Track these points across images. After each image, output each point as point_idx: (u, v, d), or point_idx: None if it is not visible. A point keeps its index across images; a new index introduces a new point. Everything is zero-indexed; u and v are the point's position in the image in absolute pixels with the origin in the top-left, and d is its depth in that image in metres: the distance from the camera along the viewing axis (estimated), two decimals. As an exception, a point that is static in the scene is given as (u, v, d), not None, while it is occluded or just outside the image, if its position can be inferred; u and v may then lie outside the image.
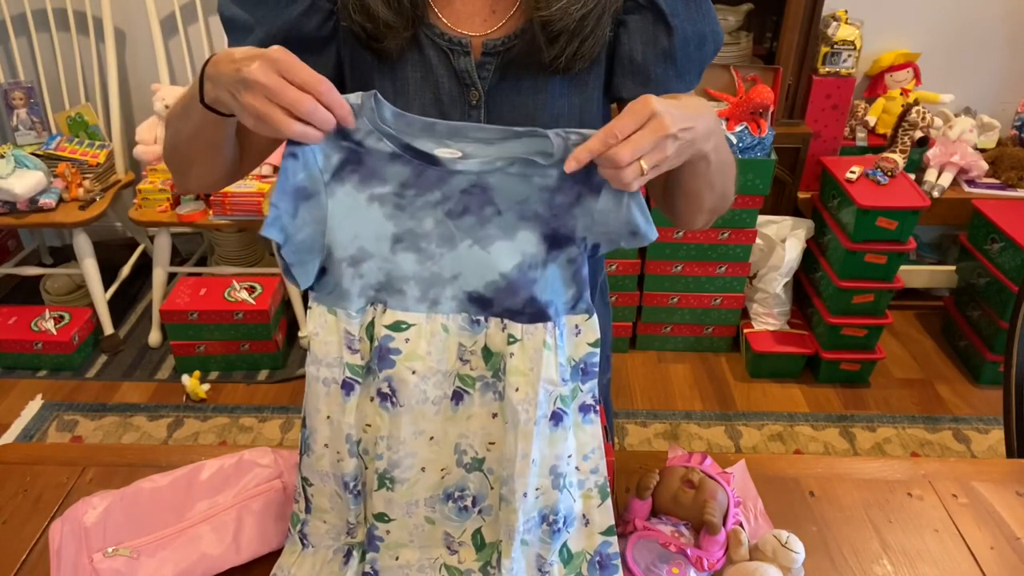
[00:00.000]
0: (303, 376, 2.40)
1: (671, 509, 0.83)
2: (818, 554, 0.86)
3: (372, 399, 0.74)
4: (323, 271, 0.74)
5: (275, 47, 0.65)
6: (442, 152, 0.71)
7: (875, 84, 2.60)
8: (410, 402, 0.73)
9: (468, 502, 0.76)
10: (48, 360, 2.41)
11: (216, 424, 2.22)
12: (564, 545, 0.76)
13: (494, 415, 0.74)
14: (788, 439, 2.18)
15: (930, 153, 2.46)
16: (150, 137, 2.46)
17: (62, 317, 2.45)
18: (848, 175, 2.21)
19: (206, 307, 2.31)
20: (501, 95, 0.81)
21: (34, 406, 2.28)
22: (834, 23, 2.39)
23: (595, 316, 0.75)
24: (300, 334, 2.52)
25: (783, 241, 2.37)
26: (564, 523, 0.75)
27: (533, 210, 0.71)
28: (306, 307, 2.66)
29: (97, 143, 2.51)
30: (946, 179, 2.43)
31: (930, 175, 2.45)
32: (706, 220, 0.85)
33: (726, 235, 2.30)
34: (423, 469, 0.75)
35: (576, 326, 0.75)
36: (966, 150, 2.45)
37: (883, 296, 2.25)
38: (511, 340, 0.72)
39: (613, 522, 0.77)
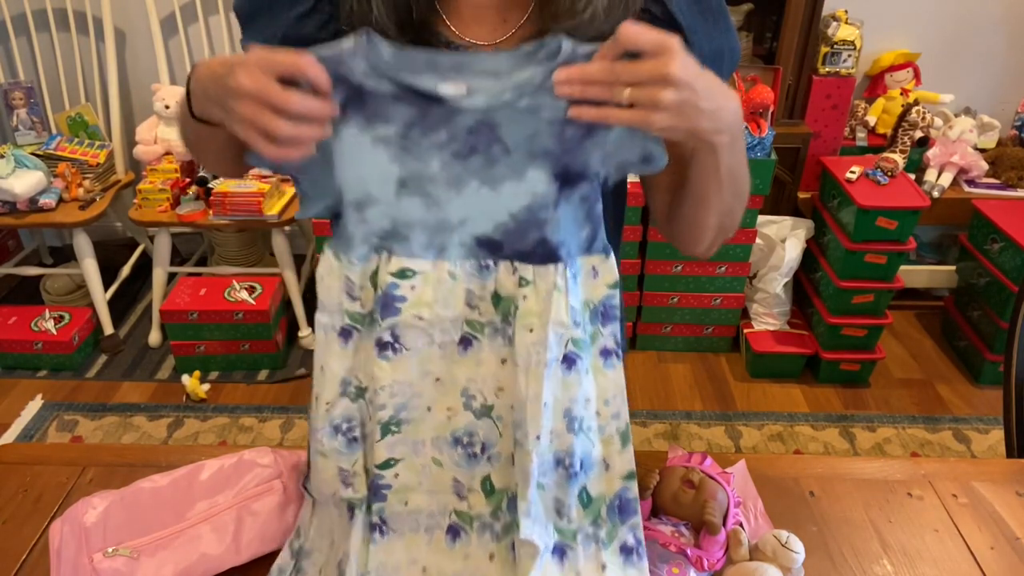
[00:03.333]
0: (303, 376, 2.42)
1: (671, 509, 0.83)
2: (818, 554, 0.86)
3: (374, 351, 0.73)
4: (338, 216, 0.73)
5: (253, 51, 0.63)
6: (446, 88, 0.67)
7: (875, 84, 2.60)
8: (416, 345, 0.72)
9: (477, 448, 0.74)
10: (48, 360, 2.41)
11: (216, 424, 2.22)
12: (583, 489, 0.74)
13: (503, 361, 0.73)
14: (788, 439, 2.18)
15: (930, 153, 2.46)
16: (150, 137, 2.46)
17: (62, 317, 2.45)
18: (848, 175, 2.21)
19: (206, 307, 2.31)
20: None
21: (34, 406, 2.28)
22: (834, 23, 2.39)
23: (612, 256, 0.73)
24: (300, 334, 2.52)
25: (783, 241, 2.37)
26: (581, 467, 0.73)
27: (543, 146, 0.68)
28: (306, 306, 2.64)
29: (97, 143, 2.51)
30: (946, 179, 2.43)
31: (930, 175, 2.45)
32: (711, 240, 0.81)
33: (726, 235, 2.30)
34: (429, 409, 0.74)
35: (593, 267, 0.73)
36: (966, 150, 2.45)
37: (883, 296, 2.25)
38: (523, 283, 0.71)
39: (634, 467, 0.75)
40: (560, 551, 0.74)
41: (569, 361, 0.71)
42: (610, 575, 0.74)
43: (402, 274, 0.71)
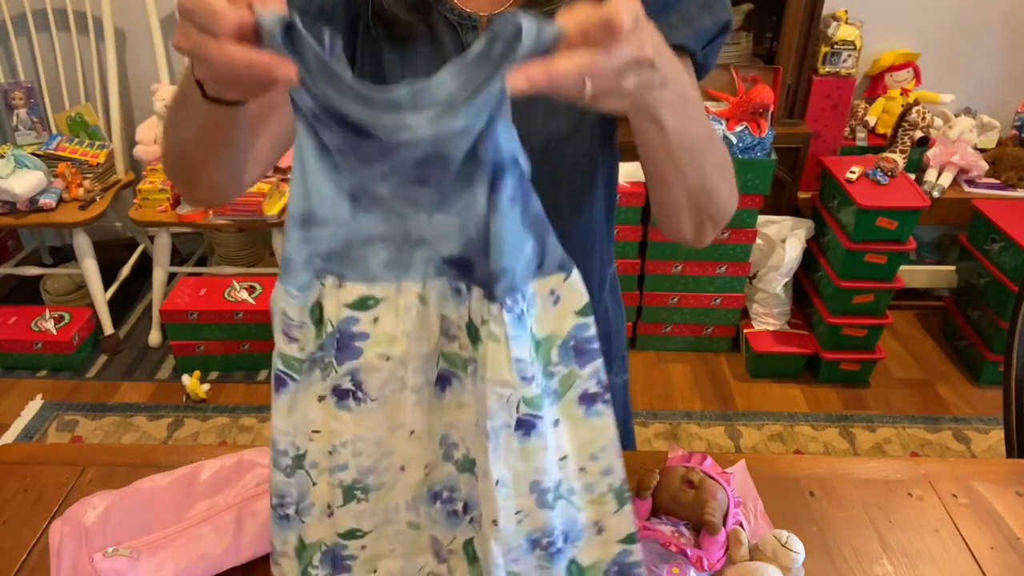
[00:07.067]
0: (303, 376, 2.40)
1: (671, 509, 0.83)
2: (818, 554, 0.86)
3: (322, 398, 0.60)
4: None
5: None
6: (387, 119, 0.50)
7: (875, 84, 2.60)
8: (384, 393, 0.59)
9: (459, 506, 0.62)
10: (48, 360, 2.41)
11: (216, 424, 2.22)
12: (572, 562, 0.63)
13: None
14: (788, 439, 2.18)
15: (930, 153, 2.46)
16: (150, 137, 2.46)
17: (62, 317, 2.45)
18: (848, 175, 2.21)
19: (206, 307, 2.31)
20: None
21: (34, 406, 2.28)
22: (834, 23, 2.39)
23: (575, 273, 0.56)
24: (300, 334, 2.52)
25: (783, 241, 2.37)
26: (566, 540, 0.62)
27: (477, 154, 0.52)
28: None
29: (97, 143, 2.51)
30: (946, 179, 2.43)
31: (930, 175, 2.45)
32: (693, 225, 0.73)
33: (726, 235, 2.30)
34: (402, 468, 0.62)
35: (551, 291, 0.56)
36: (966, 150, 2.45)
37: (883, 296, 2.25)
38: (483, 322, 0.55)
39: (634, 528, 0.63)
40: None
41: (525, 426, 0.57)
42: None
43: (361, 304, 0.57)
